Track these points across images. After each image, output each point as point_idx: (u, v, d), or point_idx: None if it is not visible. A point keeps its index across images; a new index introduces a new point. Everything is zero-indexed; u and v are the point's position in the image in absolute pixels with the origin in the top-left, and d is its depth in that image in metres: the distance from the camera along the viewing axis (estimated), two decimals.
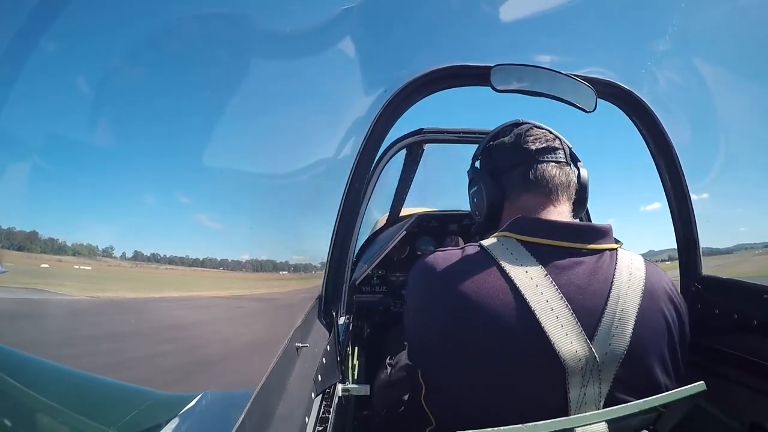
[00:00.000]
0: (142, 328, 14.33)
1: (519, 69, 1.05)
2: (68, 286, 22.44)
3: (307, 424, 0.77)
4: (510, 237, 0.90)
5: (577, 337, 0.78)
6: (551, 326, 0.78)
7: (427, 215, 2.49)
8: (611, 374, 0.80)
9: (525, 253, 0.86)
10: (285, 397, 0.76)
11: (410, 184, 2.22)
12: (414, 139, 1.83)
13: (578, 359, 0.77)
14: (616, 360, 0.80)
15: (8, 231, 58.96)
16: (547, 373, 0.78)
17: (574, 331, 0.79)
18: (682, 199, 1.30)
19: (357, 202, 1.22)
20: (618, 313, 0.81)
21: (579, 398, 0.78)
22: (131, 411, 1.38)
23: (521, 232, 0.90)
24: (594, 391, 0.79)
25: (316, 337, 1.06)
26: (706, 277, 1.29)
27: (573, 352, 0.77)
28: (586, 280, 0.84)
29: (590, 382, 0.79)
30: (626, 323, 0.81)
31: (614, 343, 0.80)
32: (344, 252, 1.24)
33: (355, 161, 1.20)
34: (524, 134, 1.00)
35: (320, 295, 1.21)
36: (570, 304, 0.80)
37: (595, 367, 0.78)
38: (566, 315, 0.79)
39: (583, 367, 0.78)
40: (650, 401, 0.78)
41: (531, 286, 0.81)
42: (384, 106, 1.17)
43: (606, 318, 0.81)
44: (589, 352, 0.78)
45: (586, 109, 1.09)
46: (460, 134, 1.80)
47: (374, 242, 2.63)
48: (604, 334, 0.80)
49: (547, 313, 0.79)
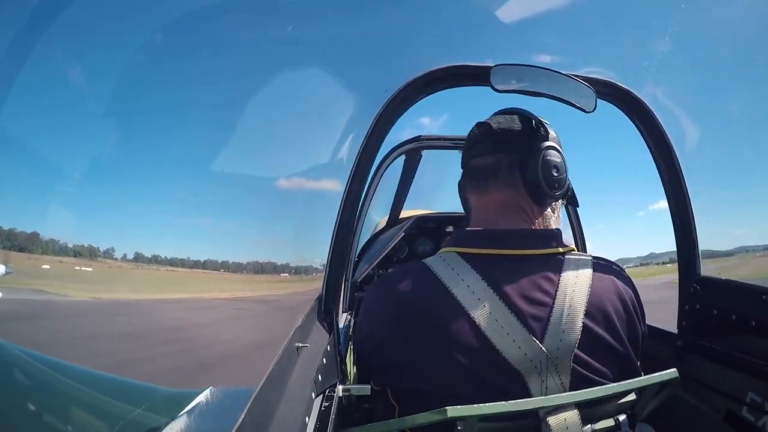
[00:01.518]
0: (143, 329, 14.34)
1: (519, 69, 1.06)
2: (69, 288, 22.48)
3: (307, 424, 0.77)
4: (451, 251, 0.93)
5: (524, 340, 0.81)
6: (497, 336, 0.81)
7: (425, 217, 2.61)
8: (567, 365, 0.82)
9: (465, 266, 0.88)
10: (285, 397, 0.76)
11: (409, 188, 2.33)
12: (412, 145, 1.92)
13: (529, 360, 0.81)
14: (569, 352, 0.82)
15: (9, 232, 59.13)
16: (504, 375, 0.81)
17: (520, 336, 0.81)
18: (682, 200, 1.30)
19: (357, 203, 1.22)
20: (566, 309, 0.84)
21: (541, 391, 0.81)
22: (136, 408, 1.38)
23: (461, 245, 0.93)
24: (555, 383, 0.81)
25: (316, 337, 1.06)
26: (704, 278, 1.29)
27: (522, 355, 0.80)
28: (529, 285, 0.86)
29: (548, 376, 0.81)
30: (575, 317, 0.84)
31: (565, 337, 0.82)
32: (344, 253, 1.24)
33: (355, 161, 1.20)
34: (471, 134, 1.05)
35: (320, 295, 1.21)
36: (513, 310, 0.83)
37: (550, 362, 0.81)
38: (511, 322, 0.82)
39: (537, 366, 0.81)
40: (621, 385, 0.82)
41: (473, 300, 0.83)
42: (384, 106, 1.17)
43: (554, 315, 0.83)
44: (539, 351, 0.81)
45: (586, 109, 1.09)
46: (455, 141, 1.86)
47: (375, 243, 2.71)
48: (554, 330, 0.82)
49: (491, 324, 0.81)
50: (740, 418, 1.12)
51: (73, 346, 9.76)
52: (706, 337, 1.26)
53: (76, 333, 12.18)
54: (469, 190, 1.03)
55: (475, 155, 1.02)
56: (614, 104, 1.28)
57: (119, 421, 1.31)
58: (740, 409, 1.13)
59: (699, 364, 1.25)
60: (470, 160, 1.03)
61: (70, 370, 1.67)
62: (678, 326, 1.34)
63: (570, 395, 0.80)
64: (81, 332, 12.59)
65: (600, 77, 1.22)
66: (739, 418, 1.13)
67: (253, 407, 0.62)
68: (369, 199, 1.98)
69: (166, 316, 19.66)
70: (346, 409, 1.03)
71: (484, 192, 0.99)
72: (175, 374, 7.85)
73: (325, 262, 1.23)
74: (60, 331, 11.92)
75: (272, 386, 0.74)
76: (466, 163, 1.04)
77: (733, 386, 1.15)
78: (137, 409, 1.37)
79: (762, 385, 1.08)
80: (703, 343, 1.27)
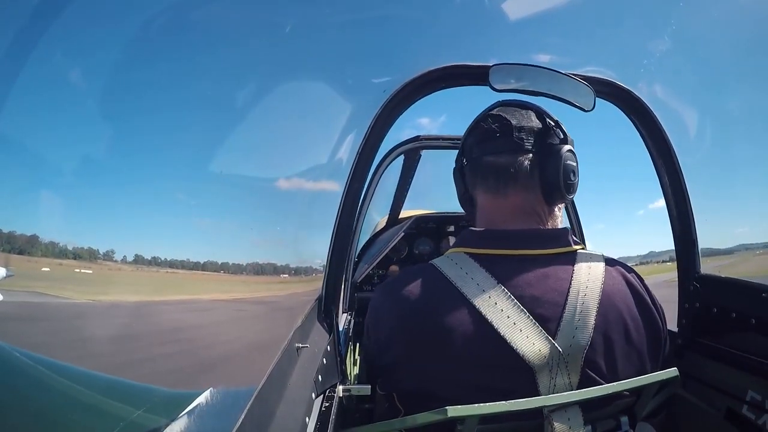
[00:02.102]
0: (142, 331, 14.33)
1: (518, 68, 1.06)
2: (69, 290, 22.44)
3: (307, 424, 0.77)
4: (459, 252, 0.92)
5: (538, 336, 0.80)
6: (511, 333, 0.80)
7: (425, 217, 2.61)
8: (578, 364, 0.81)
9: (475, 265, 0.87)
10: (285, 398, 0.76)
11: (408, 188, 2.33)
12: (411, 145, 1.93)
13: (542, 356, 0.79)
14: (581, 350, 0.81)
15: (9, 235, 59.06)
16: (514, 371, 0.80)
17: (533, 332, 0.80)
18: (681, 199, 1.30)
19: (356, 204, 1.22)
20: (579, 307, 0.83)
21: (549, 390, 0.80)
22: (137, 409, 1.38)
23: (469, 245, 0.92)
24: (564, 381, 0.80)
25: (316, 337, 1.06)
26: (704, 276, 1.29)
27: (536, 350, 0.79)
28: (541, 284, 0.85)
29: (558, 374, 0.80)
30: (588, 316, 0.83)
31: (578, 335, 0.81)
32: (344, 253, 1.24)
33: (354, 162, 1.20)
34: (475, 125, 1.01)
35: (320, 295, 1.21)
36: (527, 309, 0.82)
37: (561, 360, 0.80)
38: (523, 319, 0.81)
39: (549, 362, 0.80)
40: (622, 384, 0.81)
41: (484, 298, 0.83)
42: (382, 106, 1.17)
43: (567, 313, 0.83)
44: (552, 347, 0.80)
45: (585, 108, 1.09)
46: (455, 140, 1.85)
47: (375, 243, 2.72)
48: (566, 328, 0.82)
49: (504, 321, 0.81)
50: (740, 417, 1.12)
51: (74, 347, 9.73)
52: (706, 335, 1.26)
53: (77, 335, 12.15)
54: (479, 188, 0.99)
55: (491, 151, 0.96)
56: (613, 103, 1.28)
57: (119, 422, 1.31)
58: (740, 407, 1.13)
59: (699, 363, 1.25)
60: (484, 156, 0.97)
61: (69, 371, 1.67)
62: (678, 324, 1.34)
63: (571, 394, 0.79)
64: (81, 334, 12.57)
65: (599, 76, 1.22)
66: (739, 417, 1.13)
67: (253, 408, 0.62)
68: (369, 199, 1.99)
69: (166, 317, 19.62)
70: (346, 410, 1.03)
71: (500, 195, 0.95)
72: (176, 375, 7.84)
73: (324, 263, 1.23)
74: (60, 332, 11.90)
75: (272, 387, 0.74)
76: (478, 158, 0.98)
77: (733, 384, 1.15)
78: (137, 410, 1.37)
79: (762, 383, 1.08)
80: (703, 341, 1.27)
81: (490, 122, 0.98)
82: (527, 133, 0.94)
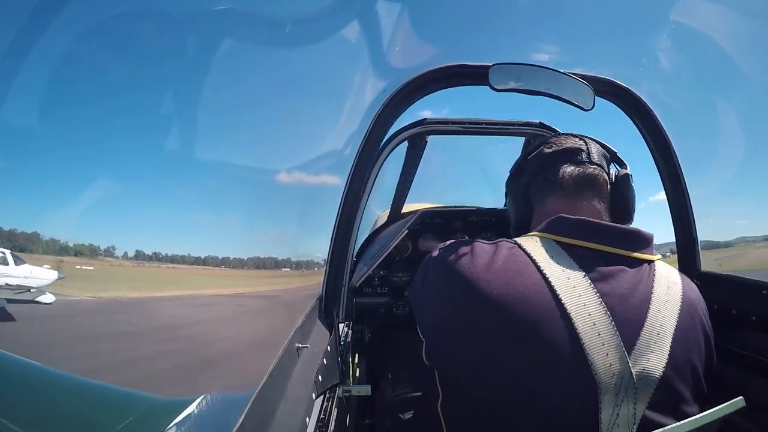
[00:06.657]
0: (144, 327, 14.37)
1: (517, 68, 1.05)
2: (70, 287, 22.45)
3: (307, 424, 0.77)
4: (546, 237, 0.84)
5: (615, 350, 0.72)
6: (587, 333, 0.71)
7: (430, 212, 2.33)
8: (648, 394, 0.72)
9: (563, 254, 0.80)
10: (285, 398, 0.76)
11: (413, 178, 2.03)
12: (416, 130, 1.70)
13: (612, 375, 0.71)
14: (653, 378, 0.73)
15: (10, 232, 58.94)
16: (578, 387, 0.71)
17: (612, 343, 0.72)
18: (681, 196, 1.30)
19: (357, 203, 1.22)
20: (657, 328, 0.75)
21: (611, 419, 0.71)
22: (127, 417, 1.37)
23: (559, 233, 0.84)
24: (628, 412, 0.71)
25: (316, 337, 1.06)
26: (704, 274, 1.29)
27: (607, 366, 0.71)
28: (629, 290, 0.77)
29: (624, 401, 0.71)
30: (664, 339, 0.75)
31: (652, 359, 0.73)
32: (344, 252, 1.24)
33: (354, 161, 1.20)
34: (546, 142, 0.99)
35: (321, 295, 1.21)
36: (611, 313, 0.74)
37: (631, 384, 0.71)
38: (606, 324, 0.73)
39: (617, 384, 0.71)
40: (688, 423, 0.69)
41: (568, 286, 0.75)
42: (383, 105, 1.17)
43: (645, 332, 0.74)
44: (626, 368, 0.71)
45: (585, 108, 1.09)
46: (465, 125, 1.67)
47: (375, 241, 2.53)
48: (642, 350, 0.73)
49: (584, 319, 0.72)
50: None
51: (75, 345, 9.78)
52: None
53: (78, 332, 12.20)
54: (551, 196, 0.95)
55: (571, 162, 0.94)
56: (613, 102, 1.28)
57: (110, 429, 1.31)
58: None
59: None
60: (562, 166, 0.94)
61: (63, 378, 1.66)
62: None
63: None
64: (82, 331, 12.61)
65: (598, 75, 1.22)
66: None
67: (253, 408, 0.62)
68: (368, 194, 1.84)
69: (167, 313, 19.69)
70: (346, 410, 1.03)
71: (578, 197, 0.92)
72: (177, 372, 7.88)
73: (326, 257, 1.23)
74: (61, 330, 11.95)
75: (273, 387, 0.74)
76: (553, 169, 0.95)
77: (733, 382, 1.15)
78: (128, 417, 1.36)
79: (763, 382, 1.08)
80: None
81: (573, 140, 0.97)
82: (603, 152, 0.97)
